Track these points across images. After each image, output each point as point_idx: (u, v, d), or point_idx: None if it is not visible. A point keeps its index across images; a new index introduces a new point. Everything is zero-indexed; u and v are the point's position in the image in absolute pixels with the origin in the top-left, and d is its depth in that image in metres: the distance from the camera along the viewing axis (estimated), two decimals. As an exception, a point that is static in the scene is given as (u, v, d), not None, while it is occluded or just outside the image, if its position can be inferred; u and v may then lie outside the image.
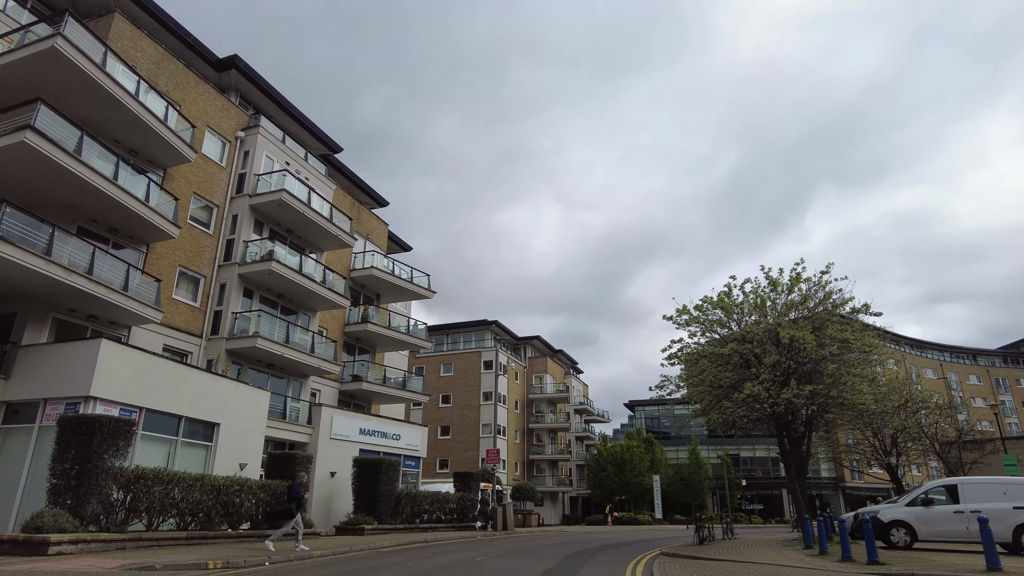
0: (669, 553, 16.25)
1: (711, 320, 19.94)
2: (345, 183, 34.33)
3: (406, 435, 29.14)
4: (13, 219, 15.34)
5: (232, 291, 23.43)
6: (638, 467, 51.98)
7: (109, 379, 15.55)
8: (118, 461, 13.52)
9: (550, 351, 69.41)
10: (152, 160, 21.28)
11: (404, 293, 34.34)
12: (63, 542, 11.82)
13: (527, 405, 62.13)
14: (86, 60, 17.05)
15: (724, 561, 13.65)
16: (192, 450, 18.29)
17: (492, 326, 60.06)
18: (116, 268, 18.31)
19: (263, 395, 21.49)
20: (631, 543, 22.45)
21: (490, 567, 12.69)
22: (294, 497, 15.23)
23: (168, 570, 10.87)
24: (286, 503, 15.22)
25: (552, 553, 16.46)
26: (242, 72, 26.24)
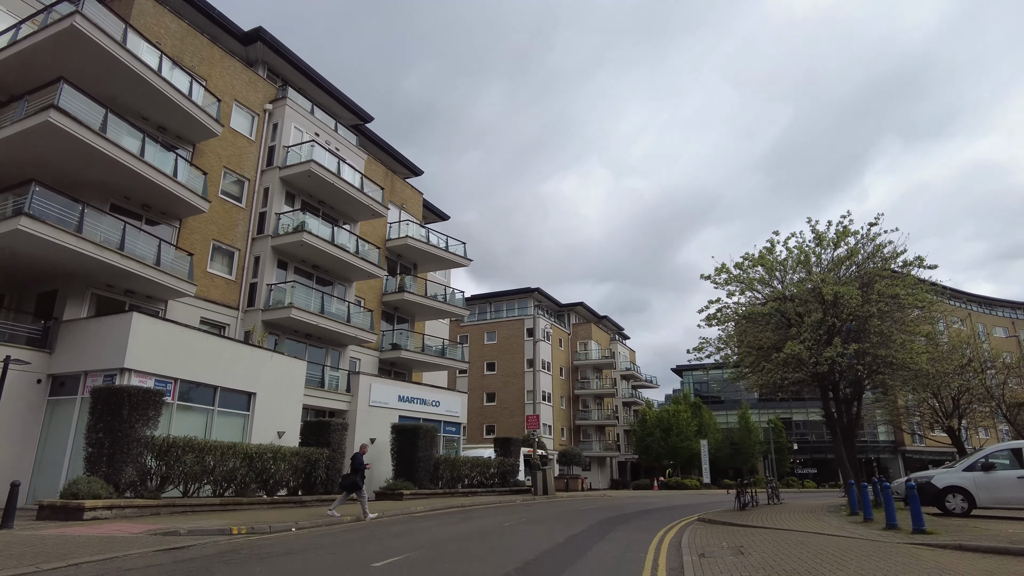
0: (706, 519, 15.75)
1: (751, 278, 18.91)
2: (378, 153, 34.15)
3: (445, 401, 29.26)
4: (45, 199, 15.68)
5: (266, 263, 23.68)
6: (685, 432, 51.19)
7: (142, 351, 15.91)
8: (149, 430, 13.82)
9: (594, 317, 68.66)
10: (181, 136, 21.45)
11: (440, 262, 34.19)
12: (97, 507, 12.20)
13: (572, 371, 61.84)
14: (105, 37, 17.11)
15: (759, 528, 13.06)
16: (229, 419, 18.69)
17: (534, 293, 59.66)
18: (148, 244, 18.63)
19: (299, 364, 21.77)
20: (670, 508, 22.01)
21: (513, 532, 12.49)
22: (358, 468, 15.50)
23: (193, 535, 11.06)
24: (351, 475, 15.46)
25: (584, 519, 16.19)
26: (268, 44, 26.10)
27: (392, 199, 32.84)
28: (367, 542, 10.77)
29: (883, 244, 17.32)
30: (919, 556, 8.44)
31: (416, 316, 33.33)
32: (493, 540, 11.22)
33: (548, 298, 61.68)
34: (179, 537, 10.79)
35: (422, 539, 11.29)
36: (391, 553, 9.30)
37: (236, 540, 10.91)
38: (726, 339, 19.98)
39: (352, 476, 15.43)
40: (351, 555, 9.14)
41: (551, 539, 11.46)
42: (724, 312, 19.31)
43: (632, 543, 11.25)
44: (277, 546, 10.12)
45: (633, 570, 8.28)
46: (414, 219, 34.04)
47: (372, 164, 31.49)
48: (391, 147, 34.77)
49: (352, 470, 15.59)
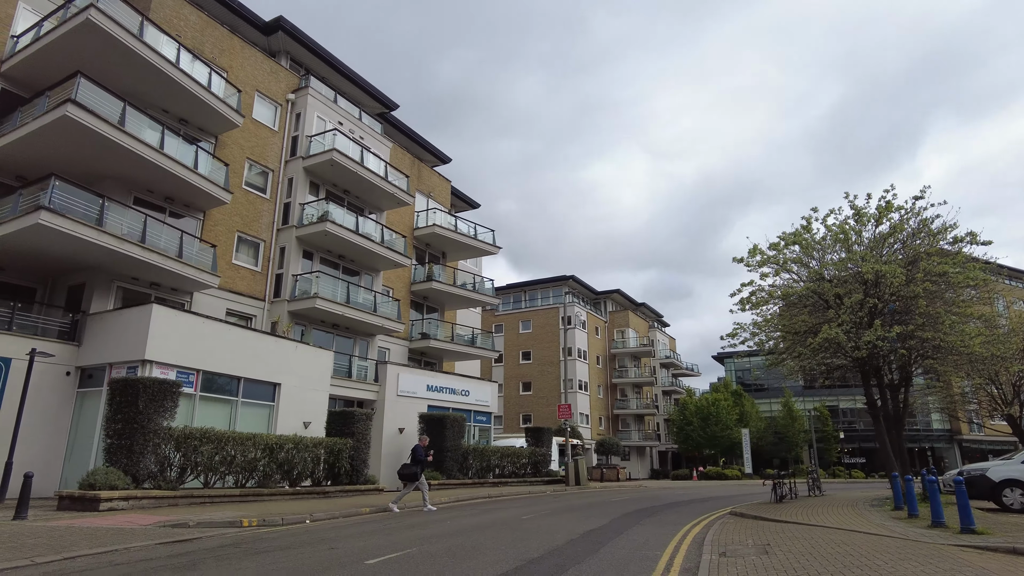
0: (737, 513, 14.95)
1: (787, 259, 17.86)
2: (405, 141, 33.88)
3: (475, 391, 28.95)
4: (66, 193, 15.83)
5: (291, 254, 23.68)
6: (725, 421, 49.77)
7: (163, 343, 15.96)
8: (166, 421, 13.81)
9: (632, 304, 67.43)
10: (203, 128, 21.52)
11: (469, 250, 33.82)
12: (114, 498, 12.23)
13: (609, 360, 60.93)
14: (121, 30, 17.15)
15: (792, 524, 12.24)
16: (254, 410, 18.72)
17: (569, 281, 58.87)
18: (171, 236, 18.74)
19: (325, 355, 21.71)
20: (705, 500, 21.20)
21: (531, 525, 12.01)
22: (418, 460, 15.41)
23: (201, 527, 10.94)
24: (411, 466, 15.36)
25: (610, 511, 15.60)
26: (289, 33, 25.99)
27: (419, 187, 32.57)
28: (374, 535, 10.44)
29: (930, 219, 16.04)
30: (963, 560, 7.59)
31: (446, 305, 33.08)
32: (505, 534, 10.76)
33: (583, 285, 60.80)
34: (187, 529, 10.68)
35: (432, 532, 10.91)
36: (393, 548, 8.93)
37: (243, 533, 10.73)
38: (761, 324, 18.99)
39: (412, 467, 15.34)
40: (351, 550, 8.81)
41: (567, 533, 10.94)
42: (758, 296, 18.32)
43: (652, 539, 10.63)
44: (281, 540, 9.88)
45: (644, 569, 7.69)
46: (442, 207, 33.72)
47: (398, 152, 31.24)
48: (418, 135, 34.47)
49: (412, 461, 15.49)
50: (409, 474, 15.30)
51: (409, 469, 15.35)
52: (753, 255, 18.22)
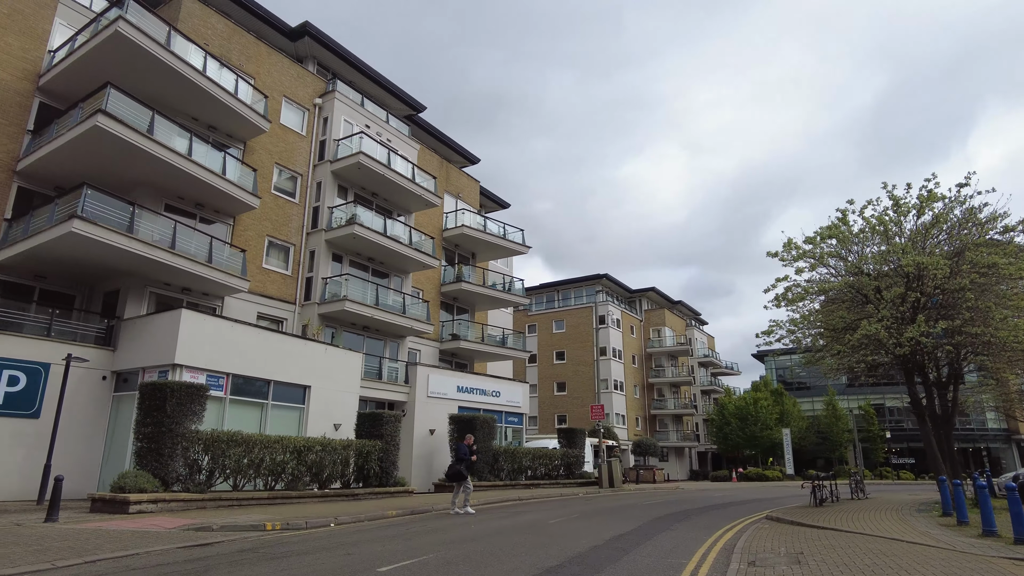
0: (774, 517, 14.36)
1: (824, 253, 17.11)
2: (432, 143, 33.92)
3: (506, 392, 28.75)
4: (97, 201, 16.18)
5: (321, 257, 23.86)
6: (765, 420, 48.40)
7: (192, 347, 16.18)
8: (194, 424, 13.96)
9: (668, 303, 66.31)
10: (231, 135, 21.83)
11: (498, 250, 33.64)
12: (142, 501, 12.39)
13: (645, 359, 60.02)
14: (149, 40, 17.47)
15: (830, 530, 11.64)
16: (284, 412, 18.86)
17: (603, 280, 58.21)
18: (201, 241, 19.02)
19: (355, 357, 21.79)
20: (742, 503, 20.53)
21: (556, 530, 11.71)
22: (462, 459, 15.35)
23: (225, 531, 10.97)
24: (456, 465, 15.34)
25: (641, 515, 15.17)
26: (315, 38, 26.22)
27: (448, 188, 32.55)
28: (394, 540, 10.29)
29: (977, 208, 15.13)
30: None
31: (476, 306, 32.98)
32: (528, 539, 10.49)
33: (617, 284, 60.05)
34: (210, 533, 10.71)
35: (452, 536, 10.71)
36: (410, 554, 8.76)
37: (265, 537, 10.71)
38: (798, 321, 18.27)
39: (457, 466, 15.30)
40: (367, 555, 8.66)
41: (592, 539, 10.61)
42: (794, 291, 17.62)
43: (680, 545, 10.22)
44: (300, 544, 9.81)
45: (666, 581, 7.33)
46: (471, 208, 33.64)
47: (426, 154, 31.26)
48: (446, 136, 34.46)
49: (457, 460, 15.44)
50: (454, 473, 15.29)
51: (454, 468, 15.36)
52: (788, 249, 17.54)
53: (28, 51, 18.98)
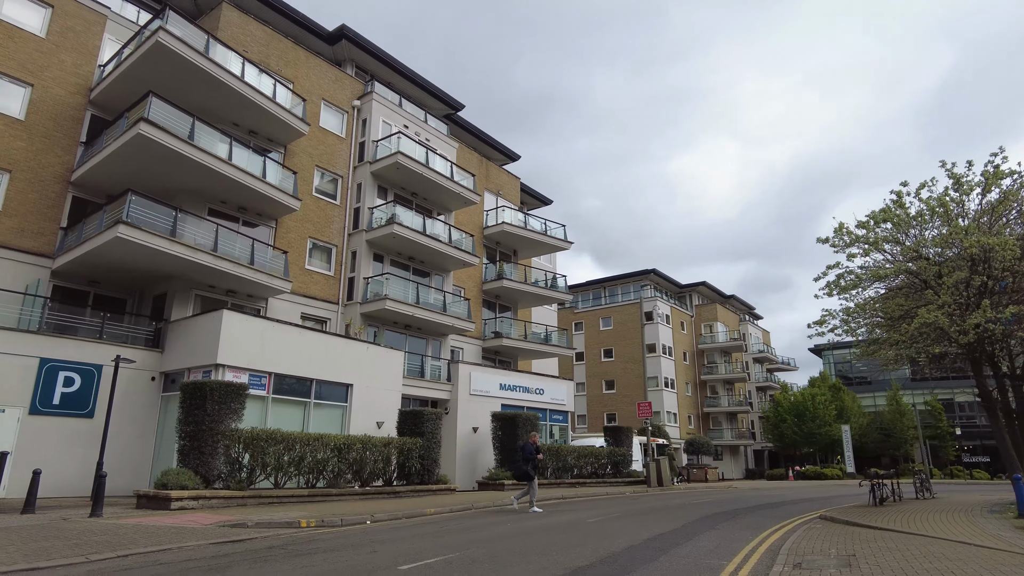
0: (828, 517, 13.53)
1: (878, 237, 16.07)
2: (472, 141, 33.86)
3: (550, 389, 28.36)
4: (141, 207, 16.69)
5: (362, 257, 24.07)
6: (822, 417, 46.30)
7: (234, 347, 16.47)
8: (233, 423, 14.16)
9: (720, 297, 64.48)
10: (272, 139, 22.25)
11: (540, 246, 33.29)
12: (184, 498, 12.62)
13: (697, 356, 58.50)
14: (189, 49, 17.92)
15: (889, 532, 10.83)
16: (327, 411, 19.05)
17: (650, 275, 57.06)
18: (243, 244, 19.41)
19: (396, 355, 21.85)
20: (795, 502, 19.56)
21: (593, 529, 11.30)
22: (528, 458, 15.13)
23: (260, 527, 11.03)
24: (521, 465, 15.26)
25: (687, 514, 14.57)
26: (352, 41, 26.49)
27: (488, 186, 32.41)
28: (424, 539, 10.11)
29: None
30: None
31: (518, 303, 32.72)
32: (561, 538, 10.13)
33: (666, 279, 58.75)
34: (245, 529, 10.78)
35: (485, 535, 10.45)
36: (436, 552, 8.54)
37: (299, 534, 10.70)
38: (854, 309, 17.24)
39: (523, 466, 15.17)
40: (392, 553, 8.49)
41: (629, 539, 10.17)
42: (846, 279, 16.63)
43: (722, 545, 9.67)
44: (330, 541, 9.73)
45: (701, 583, 6.86)
46: (511, 205, 33.41)
47: (465, 152, 31.21)
48: (485, 134, 34.34)
49: (523, 459, 15.23)
50: (521, 473, 15.21)
51: (520, 468, 15.31)
52: (839, 235, 16.57)
53: (80, 67, 19.78)
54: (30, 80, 18.60)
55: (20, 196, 17.97)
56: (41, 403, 15.65)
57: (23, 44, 18.64)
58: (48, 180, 18.61)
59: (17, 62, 18.43)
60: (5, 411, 15.15)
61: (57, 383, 16.01)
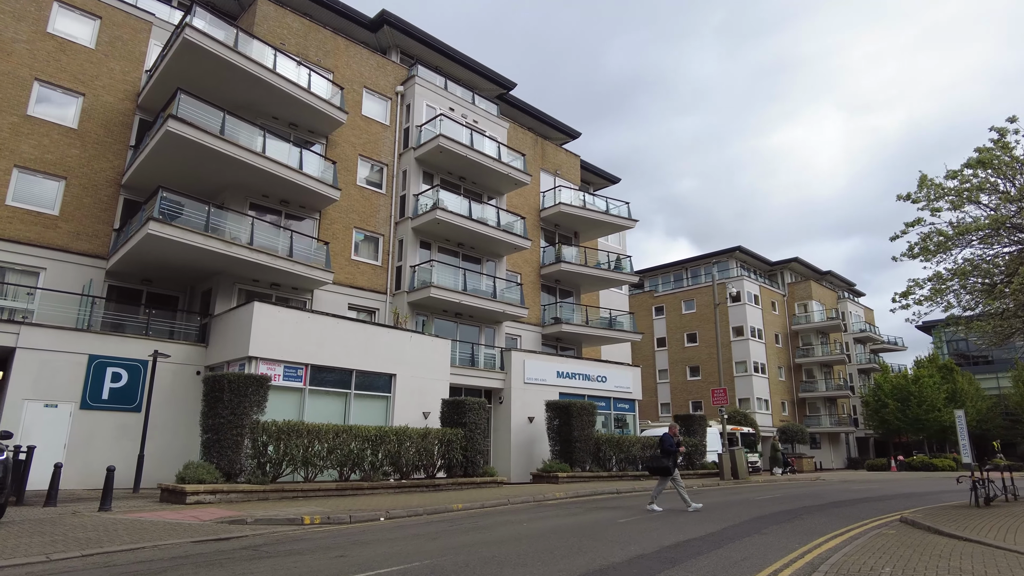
0: (909, 520, 11.44)
1: (973, 187, 13.50)
2: (528, 121, 32.66)
3: (613, 376, 26.85)
4: (173, 203, 16.90)
5: (408, 246, 23.62)
6: (930, 400, 41.28)
7: (268, 339, 16.36)
8: (253, 415, 13.94)
9: (815, 274, 59.66)
10: (313, 130, 22.15)
11: (602, 227, 31.66)
12: (200, 492, 12.48)
13: (790, 337, 54.42)
14: (215, 43, 17.95)
15: (977, 544, 8.80)
16: (369, 402, 18.70)
17: (735, 253, 53.55)
18: (282, 237, 19.39)
19: (443, 343, 21.24)
20: (881, 499, 17.13)
21: (615, 532, 10.01)
22: (667, 451, 13.47)
23: (260, 524, 10.61)
24: (660, 459, 13.55)
25: (740, 513, 12.87)
26: (394, 26, 26.01)
27: (544, 166, 31.17)
28: (416, 540, 9.25)
29: None
30: None
31: (581, 287, 31.32)
32: (571, 542, 8.96)
33: (754, 256, 54.98)
34: (243, 526, 10.38)
35: (486, 537, 9.45)
36: (407, 559, 7.65)
37: (294, 532, 10.17)
38: (948, 274, 14.69)
39: (663, 460, 13.44)
40: (359, 559, 7.68)
41: (648, 544, 8.83)
42: (934, 240, 14.15)
43: (754, 555, 8.15)
44: (314, 541, 9.09)
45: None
46: (571, 184, 31.97)
47: (518, 132, 30.11)
48: (542, 113, 33.04)
49: (663, 453, 13.58)
50: (660, 468, 13.47)
51: (659, 462, 13.56)
52: (922, 188, 14.12)
53: (128, 73, 20.43)
54: (82, 90, 19.37)
55: (75, 201, 18.76)
56: (91, 398, 16.19)
57: (74, 56, 19.42)
58: (101, 184, 19.34)
59: (70, 74, 19.22)
60: (58, 406, 15.78)
61: (105, 379, 16.52)
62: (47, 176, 18.37)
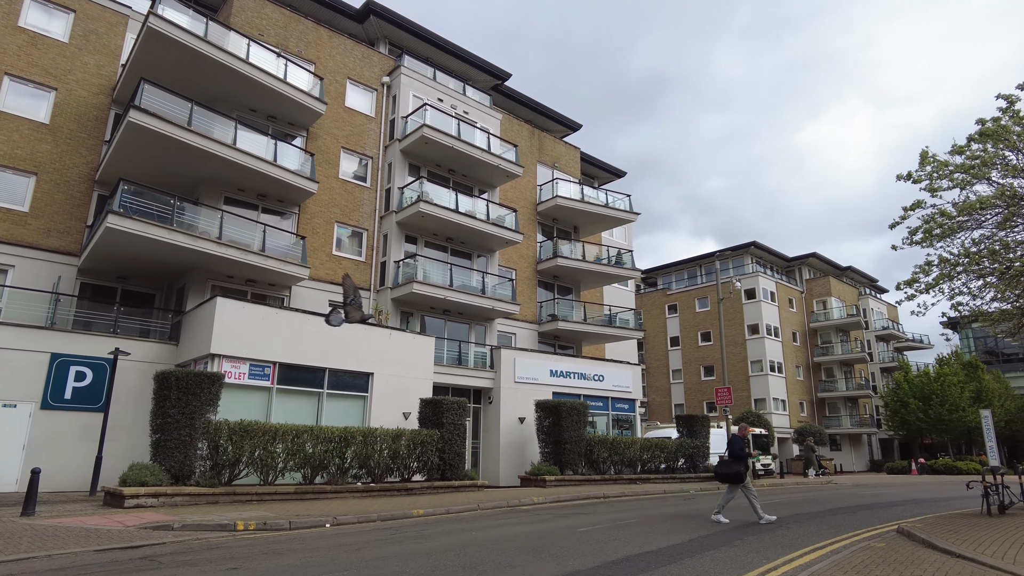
0: (906, 532, 10.28)
1: (986, 159, 12.24)
2: (526, 112, 31.71)
3: (612, 375, 25.77)
4: (137, 196, 16.35)
5: (393, 240, 22.86)
6: (953, 400, 39.07)
7: (232, 336, 15.70)
8: (206, 415, 13.25)
9: (834, 269, 57.62)
10: (292, 122, 21.52)
11: (603, 221, 30.57)
12: (140, 495, 11.80)
13: (808, 335, 52.56)
14: (181, 31, 17.37)
15: (973, 564, 7.68)
16: (343, 402, 17.96)
17: (750, 248, 51.93)
18: (255, 230, 18.78)
19: (426, 341, 20.43)
20: (888, 505, 15.82)
21: (565, 543, 9.07)
22: (738, 455, 11.89)
23: (187, 530, 9.88)
24: (732, 463, 11.90)
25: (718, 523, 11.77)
26: (380, 16, 25.31)
27: (542, 158, 30.24)
28: (338, 551, 8.42)
29: None
30: None
31: (581, 284, 30.28)
32: (497, 557, 8.05)
33: (769, 252, 53.26)
34: (167, 532, 9.66)
35: (423, 548, 8.58)
36: (323, 570, 6.82)
37: (221, 539, 9.41)
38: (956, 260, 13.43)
39: (734, 465, 11.83)
40: (259, 570, 6.87)
41: (596, 557, 7.89)
42: (939, 222, 12.92)
43: (708, 573, 7.15)
44: (231, 550, 8.32)
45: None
46: (570, 177, 30.95)
47: (513, 124, 29.22)
48: (540, 104, 32.08)
49: (732, 457, 11.95)
50: (732, 474, 11.83)
51: (731, 468, 11.89)
52: (924, 164, 12.91)
53: (103, 67, 20.00)
54: (54, 84, 18.97)
55: (46, 197, 18.35)
56: (53, 398, 15.68)
57: (46, 50, 19.04)
58: (73, 180, 18.91)
59: (41, 68, 18.84)
60: (17, 406, 15.29)
61: (69, 378, 16.00)
62: (17, 172, 17.97)
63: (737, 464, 11.86)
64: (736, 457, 11.93)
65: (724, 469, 12.07)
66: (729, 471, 11.93)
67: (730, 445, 12.22)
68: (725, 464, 12.10)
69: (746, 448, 12.12)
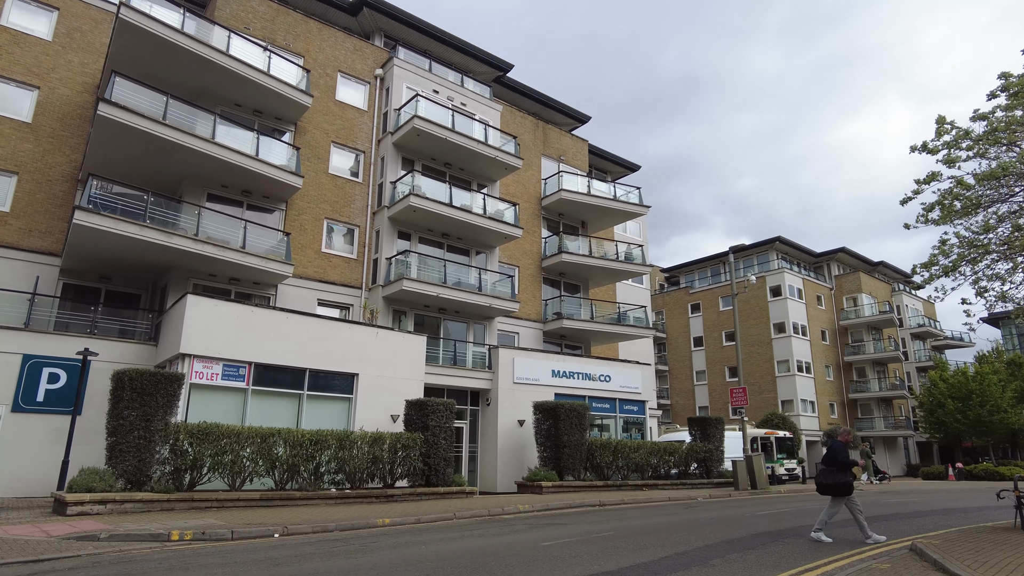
0: (918, 551, 8.93)
1: (1008, 123, 10.83)
2: (530, 105, 30.71)
3: (619, 376, 24.55)
4: (107, 193, 15.90)
5: (385, 236, 22.09)
6: (994, 400, 36.46)
7: (203, 335, 15.06)
8: (168, 417, 12.58)
9: (865, 265, 55.14)
10: (279, 117, 20.97)
11: (611, 215, 29.36)
12: (84, 502, 11.16)
13: (839, 334, 50.30)
14: (156, 23, 16.88)
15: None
16: (326, 404, 17.20)
17: (775, 244, 49.99)
18: (240, 228, 18.18)
19: (416, 340, 19.59)
20: (914, 516, 14.30)
21: (514, 560, 8.04)
22: (843, 464, 10.36)
23: (115, 540, 9.14)
24: (837, 473, 10.35)
25: (711, 535, 10.58)
26: (373, 8, 24.61)
27: (546, 151, 29.21)
28: (255, 566, 7.54)
29: None
30: None
31: (589, 281, 29.12)
32: (452, 574, 7.07)
33: (796, 247, 51.22)
34: (91, 543, 8.91)
35: (355, 564, 7.65)
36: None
37: (149, 550, 8.63)
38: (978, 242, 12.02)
39: (840, 475, 10.31)
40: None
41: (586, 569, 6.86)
42: (954, 192, 11.54)
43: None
44: (141, 564, 7.50)
45: None
46: (577, 171, 29.85)
47: (515, 116, 28.28)
48: (545, 95, 31.03)
49: (838, 466, 10.38)
50: (839, 484, 10.25)
51: (835, 477, 10.31)
52: (940, 133, 11.55)
53: (87, 65, 19.71)
54: (36, 83, 18.72)
55: (28, 197, 18.06)
56: (24, 400, 15.25)
57: (29, 48, 18.80)
58: (56, 180, 18.60)
59: (23, 67, 18.60)
60: (-14, 409, 14.88)
61: (42, 380, 15.57)
62: (-3, 171, 17.70)
63: (843, 474, 10.28)
64: (841, 466, 10.32)
65: (828, 479, 10.37)
66: (834, 481, 10.28)
67: (834, 452, 10.53)
68: (828, 474, 10.43)
69: (848, 459, 10.41)
